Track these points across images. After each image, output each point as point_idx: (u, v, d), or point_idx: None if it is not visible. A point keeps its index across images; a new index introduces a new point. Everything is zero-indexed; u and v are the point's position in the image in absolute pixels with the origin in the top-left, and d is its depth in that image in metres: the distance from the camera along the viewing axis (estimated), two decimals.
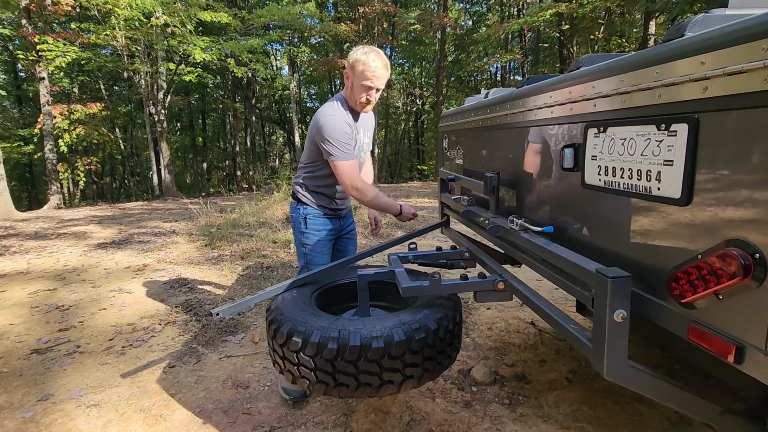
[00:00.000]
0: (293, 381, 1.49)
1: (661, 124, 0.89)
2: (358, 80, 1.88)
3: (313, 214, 2.17)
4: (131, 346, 2.77)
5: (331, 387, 1.40)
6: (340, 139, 1.90)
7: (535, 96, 1.44)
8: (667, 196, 0.89)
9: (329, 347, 1.36)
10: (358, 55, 1.87)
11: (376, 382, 1.38)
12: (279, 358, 1.50)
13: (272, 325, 1.53)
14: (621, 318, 0.95)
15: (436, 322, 1.47)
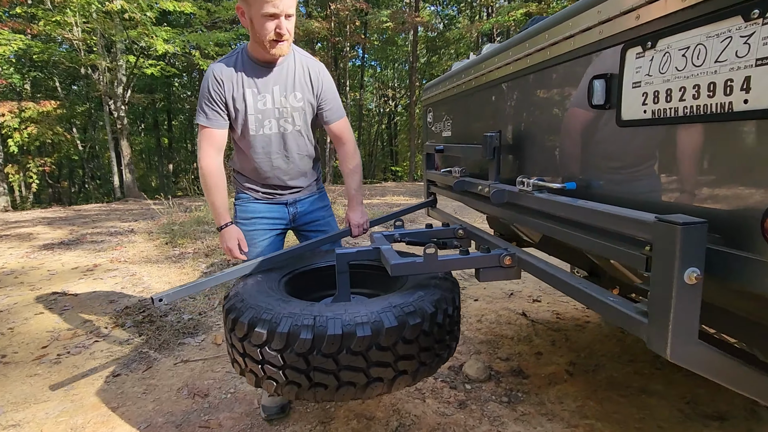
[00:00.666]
0: (257, 384, 1.18)
1: (753, 11, 0.66)
2: (257, 9, 1.39)
3: (243, 198, 1.79)
4: (69, 354, 2.36)
5: (305, 389, 1.11)
6: (201, 97, 1.56)
7: (548, 31, 1.20)
8: (761, 108, 0.66)
9: (302, 338, 1.07)
10: None
11: (362, 380, 1.10)
12: (239, 355, 1.20)
13: (230, 314, 1.22)
14: (695, 278, 0.71)
15: (434, 305, 1.21)
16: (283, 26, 1.42)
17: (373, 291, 1.70)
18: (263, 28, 1.41)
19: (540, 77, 1.28)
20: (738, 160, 0.72)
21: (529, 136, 1.36)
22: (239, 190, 1.81)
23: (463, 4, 23.22)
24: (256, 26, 1.43)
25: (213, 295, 3.19)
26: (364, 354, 1.08)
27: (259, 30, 1.43)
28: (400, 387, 1.18)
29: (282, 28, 1.42)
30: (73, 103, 17.84)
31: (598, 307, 0.93)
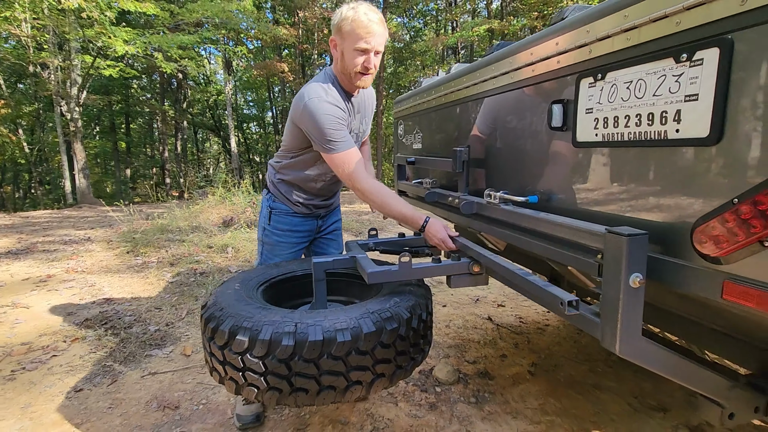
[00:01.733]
0: (237, 391, 1.20)
1: (682, 54, 0.78)
2: (350, 43, 1.47)
3: (280, 210, 1.82)
4: (24, 369, 2.25)
5: (286, 394, 1.14)
6: (331, 127, 1.49)
7: (512, 57, 1.31)
8: (690, 137, 0.78)
9: (284, 344, 1.11)
10: (345, 12, 1.46)
11: (342, 383, 1.15)
12: (218, 363, 1.21)
13: (209, 323, 1.23)
14: (638, 282, 0.82)
15: (409, 311, 1.27)
16: (371, 61, 1.50)
17: (349, 298, 1.75)
18: (353, 61, 1.49)
19: (505, 98, 1.40)
20: (672, 180, 0.84)
21: (495, 152, 1.47)
22: (280, 200, 1.81)
23: (429, 17, 23.83)
24: (346, 58, 1.50)
25: (181, 305, 3.12)
26: (344, 359, 1.13)
27: (349, 62, 1.50)
28: (378, 389, 1.24)
29: (370, 62, 1.50)
30: (19, 103, 16.73)
31: (559, 311, 1.03)
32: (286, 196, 1.80)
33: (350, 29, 1.45)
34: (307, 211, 1.85)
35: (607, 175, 0.99)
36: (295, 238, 1.86)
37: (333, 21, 1.52)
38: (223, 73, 17.14)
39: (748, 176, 0.70)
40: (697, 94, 0.76)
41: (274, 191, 1.83)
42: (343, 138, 1.51)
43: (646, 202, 0.90)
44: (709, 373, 0.92)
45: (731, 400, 0.95)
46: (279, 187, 1.81)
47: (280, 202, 1.82)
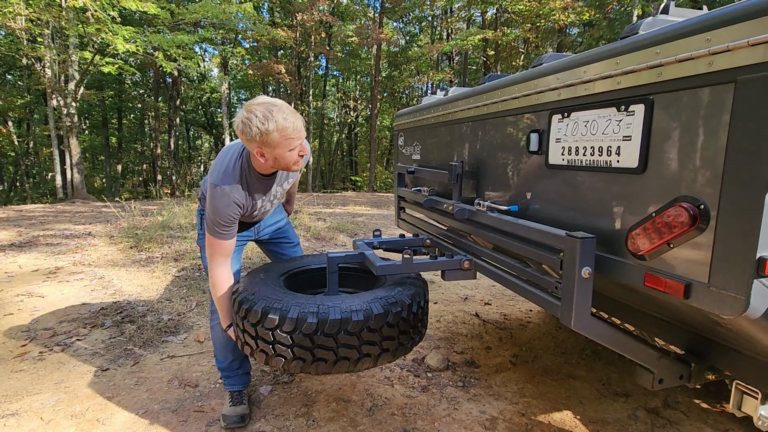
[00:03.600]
0: (266, 361, 1.45)
1: (621, 105, 1.06)
2: (283, 149, 1.48)
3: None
4: (51, 351, 2.45)
5: (309, 363, 1.39)
6: (222, 221, 1.58)
7: (501, 90, 1.59)
8: (625, 167, 1.06)
9: (309, 322, 1.36)
10: (266, 126, 1.42)
11: (354, 355, 1.40)
12: (250, 338, 1.46)
13: (243, 305, 1.48)
14: (587, 274, 1.09)
15: (410, 298, 1.54)
16: (304, 147, 1.57)
17: (354, 290, 2.01)
18: (291, 158, 1.53)
19: (494, 123, 1.67)
20: (614, 198, 1.12)
21: (484, 168, 1.74)
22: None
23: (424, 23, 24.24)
24: (283, 159, 1.52)
25: (190, 297, 3.34)
26: (358, 335, 1.39)
27: (287, 161, 1.53)
28: (383, 362, 1.49)
29: (304, 149, 1.57)
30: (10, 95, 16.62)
31: (528, 295, 1.31)
32: None
33: (280, 139, 1.45)
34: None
35: (570, 191, 1.27)
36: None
37: (250, 135, 1.44)
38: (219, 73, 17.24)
39: (662, 197, 0.98)
40: (631, 136, 1.04)
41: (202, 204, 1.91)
42: (226, 231, 1.61)
43: (596, 213, 1.18)
44: (642, 346, 1.20)
45: (660, 368, 1.23)
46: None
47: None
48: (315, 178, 21.82)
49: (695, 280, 0.91)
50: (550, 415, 2.07)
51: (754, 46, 0.76)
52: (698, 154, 0.89)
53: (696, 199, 0.89)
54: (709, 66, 0.84)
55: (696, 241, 0.90)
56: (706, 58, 0.85)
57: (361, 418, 1.96)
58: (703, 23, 0.85)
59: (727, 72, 0.81)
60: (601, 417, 2.08)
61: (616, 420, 2.06)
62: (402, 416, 1.99)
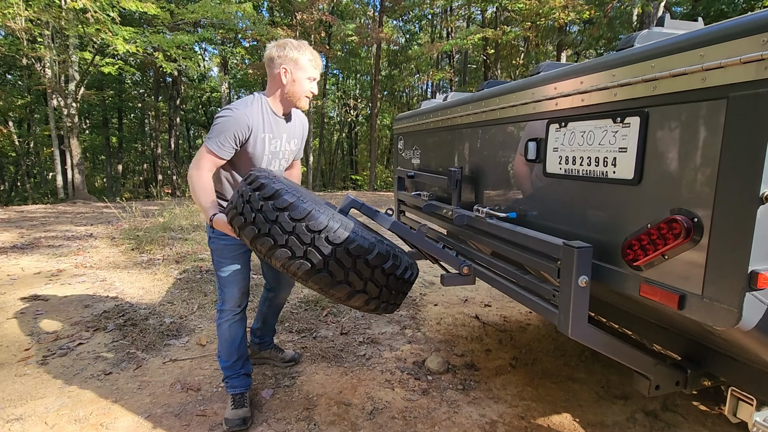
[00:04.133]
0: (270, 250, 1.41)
1: (617, 117, 1.07)
2: (305, 73, 1.80)
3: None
4: (54, 356, 2.47)
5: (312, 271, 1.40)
6: (221, 130, 1.73)
7: (498, 97, 1.60)
8: (621, 178, 1.07)
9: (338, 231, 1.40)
10: (302, 50, 1.80)
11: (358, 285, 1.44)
12: (265, 220, 1.41)
13: (274, 184, 1.46)
14: (584, 283, 1.11)
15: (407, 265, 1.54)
16: (315, 88, 1.86)
17: None
18: (305, 86, 1.83)
19: (493, 130, 1.69)
20: (610, 208, 1.13)
21: (483, 174, 1.76)
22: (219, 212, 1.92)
23: (424, 21, 24.21)
24: (300, 84, 1.81)
25: (191, 300, 3.35)
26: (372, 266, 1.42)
27: (300, 89, 1.82)
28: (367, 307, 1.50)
29: (315, 90, 1.86)
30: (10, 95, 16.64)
31: (527, 302, 1.32)
32: (222, 206, 1.92)
33: (308, 62, 1.81)
34: None
35: (568, 200, 1.28)
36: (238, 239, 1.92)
37: (285, 54, 1.78)
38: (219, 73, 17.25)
39: (657, 209, 0.99)
40: (626, 148, 1.05)
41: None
42: (222, 145, 1.75)
43: (593, 223, 1.19)
44: (638, 353, 1.22)
45: (657, 374, 1.24)
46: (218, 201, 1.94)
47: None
48: (315, 177, 21.83)
49: (689, 292, 0.92)
50: (549, 418, 2.09)
51: (746, 64, 0.77)
52: (692, 168, 0.91)
53: (690, 212, 0.91)
54: (702, 81, 0.86)
55: (690, 254, 0.91)
56: (700, 74, 0.86)
57: (362, 422, 1.98)
58: (697, 39, 0.87)
59: (719, 88, 0.83)
60: (599, 420, 2.10)
61: (614, 423, 2.08)
62: (402, 420, 2.01)
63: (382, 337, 2.89)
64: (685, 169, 0.92)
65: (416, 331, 3.01)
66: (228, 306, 1.98)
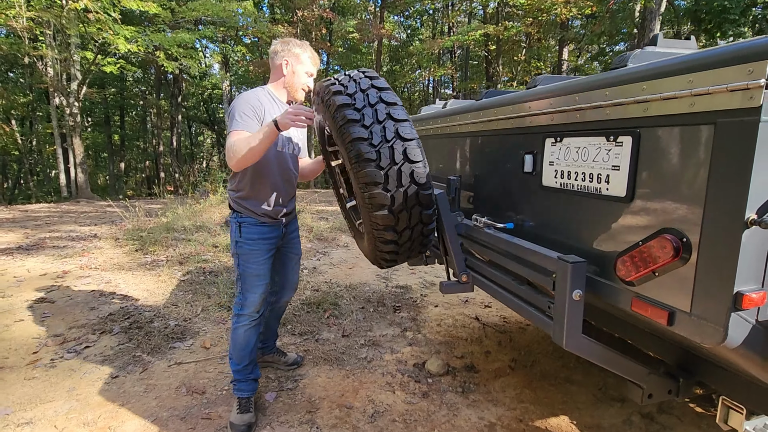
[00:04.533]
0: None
1: (610, 136, 1.10)
2: (303, 67, 1.97)
3: (249, 222, 1.99)
4: (62, 359, 2.52)
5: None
6: (243, 110, 1.80)
7: (496, 108, 1.62)
8: (614, 195, 1.10)
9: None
10: (303, 48, 1.97)
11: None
12: (389, 163, 1.39)
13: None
14: (578, 297, 1.14)
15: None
16: (311, 84, 2.02)
17: None
18: (302, 79, 1.99)
19: (491, 140, 1.71)
20: (604, 224, 1.16)
21: (482, 184, 1.78)
22: (246, 215, 1.98)
23: (426, 16, 24.09)
24: (296, 78, 1.98)
25: (195, 302, 3.40)
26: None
27: (297, 81, 1.98)
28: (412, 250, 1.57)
29: (311, 85, 2.02)
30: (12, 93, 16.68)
31: (523, 312, 1.35)
32: (252, 210, 1.98)
33: (307, 59, 1.98)
34: (273, 220, 2.04)
35: (563, 213, 1.31)
36: (266, 245, 2.03)
37: (288, 49, 1.95)
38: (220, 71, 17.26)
39: (648, 227, 1.02)
40: (619, 166, 1.08)
41: (240, 209, 2.00)
42: (247, 120, 1.79)
43: (587, 237, 1.22)
44: (632, 363, 1.25)
45: (649, 383, 1.28)
46: (243, 204, 1.98)
47: (247, 216, 1.99)
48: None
49: (678, 309, 0.95)
50: (546, 421, 2.13)
51: (733, 92, 0.80)
52: (682, 189, 0.93)
53: (680, 232, 0.93)
54: (691, 106, 0.88)
55: (679, 272, 0.94)
56: (689, 99, 0.88)
57: (364, 425, 2.02)
58: (687, 64, 0.89)
59: (708, 114, 0.85)
60: (596, 422, 2.13)
61: (611, 425, 2.12)
62: (403, 423, 2.05)
63: (383, 339, 2.93)
64: (676, 189, 0.95)
65: (417, 333, 3.05)
66: (247, 311, 2.01)
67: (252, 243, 1.99)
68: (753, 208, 0.79)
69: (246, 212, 1.99)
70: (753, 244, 0.81)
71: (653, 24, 9.71)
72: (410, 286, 4.05)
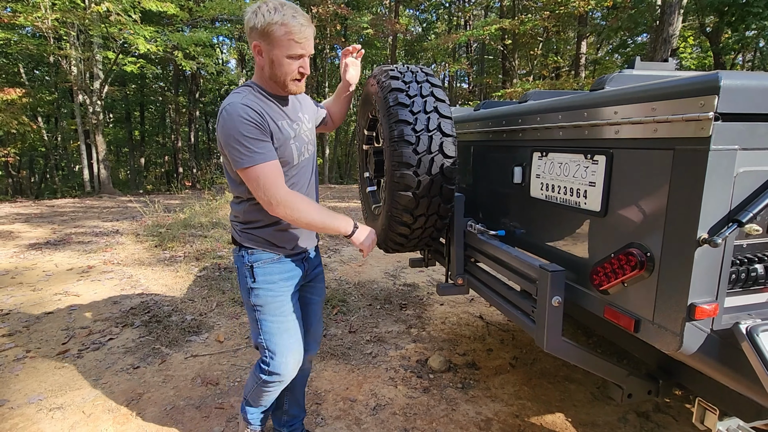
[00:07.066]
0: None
1: (587, 154, 1.17)
2: (282, 50, 1.31)
3: (263, 259, 1.49)
4: (88, 349, 2.71)
5: None
6: (245, 133, 1.29)
7: (490, 120, 1.70)
8: (590, 209, 1.18)
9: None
10: (271, 16, 1.27)
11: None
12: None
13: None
14: (557, 303, 1.22)
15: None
16: (306, 66, 1.38)
17: None
18: (288, 67, 1.34)
19: (485, 150, 1.79)
20: (582, 235, 1.24)
21: (476, 191, 1.87)
22: (261, 250, 1.50)
23: (441, 9, 23.91)
24: (279, 66, 1.34)
25: (210, 297, 3.57)
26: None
27: (284, 68, 1.34)
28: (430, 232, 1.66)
29: (306, 67, 1.38)
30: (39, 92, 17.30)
31: (511, 316, 1.44)
32: (270, 241, 1.50)
33: (281, 35, 1.28)
34: (297, 253, 1.57)
35: (548, 223, 1.39)
36: (291, 287, 1.55)
37: (253, 23, 1.30)
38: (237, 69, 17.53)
39: (619, 241, 1.09)
40: (595, 182, 1.15)
41: (252, 242, 1.50)
42: (258, 148, 1.30)
43: (568, 247, 1.30)
44: (611, 365, 1.33)
45: (630, 384, 1.36)
46: (257, 235, 1.49)
47: (261, 252, 1.50)
48: (332, 169, 22.05)
49: (643, 317, 1.03)
50: (542, 417, 2.21)
51: (688, 122, 0.87)
52: (647, 208, 1.01)
53: (644, 247, 1.01)
54: (654, 132, 0.95)
55: (644, 283, 1.02)
56: (652, 125, 0.96)
57: (366, 417, 2.14)
58: (650, 93, 0.96)
59: (668, 140, 0.92)
60: (592, 420, 2.21)
61: (606, 423, 2.19)
62: (403, 416, 2.16)
63: (389, 336, 3.04)
64: (642, 207, 1.02)
65: (421, 330, 3.15)
66: (277, 378, 1.56)
67: (272, 287, 1.50)
68: (705, 228, 0.87)
69: (261, 245, 1.49)
70: (705, 260, 0.88)
71: (672, 18, 9.48)
72: (417, 284, 4.15)
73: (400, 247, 1.75)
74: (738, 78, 0.83)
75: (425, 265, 2.24)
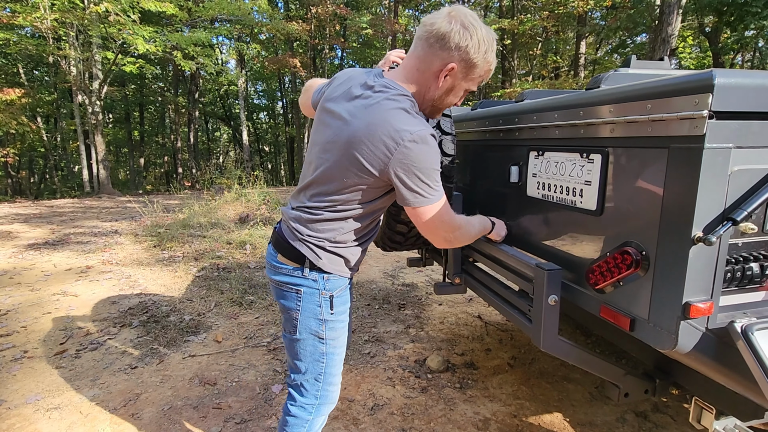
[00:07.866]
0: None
1: (583, 152, 1.17)
2: (469, 84, 1.21)
3: (340, 287, 1.31)
4: (86, 350, 2.71)
5: None
6: (437, 168, 1.14)
7: (487, 119, 1.70)
8: (586, 208, 1.17)
9: None
10: (489, 56, 1.16)
11: None
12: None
13: None
14: (554, 302, 1.22)
15: None
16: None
17: None
18: (454, 99, 1.26)
19: (482, 150, 1.79)
20: (578, 234, 1.24)
21: (474, 190, 1.86)
22: (337, 274, 1.29)
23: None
24: (451, 95, 1.24)
25: (209, 298, 3.57)
26: None
27: (450, 99, 1.25)
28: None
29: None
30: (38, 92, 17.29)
31: (508, 315, 1.44)
32: (351, 262, 1.32)
33: (482, 74, 1.20)
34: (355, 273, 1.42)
35: (544, 222, 1.39)
36: (349, 314, 1.42)
37: (466, 47, 1.12)
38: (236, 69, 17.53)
39: (614, 239, 1.09)
40: (591, 181, 1.15)
41: (331, 267, 1.28)
42: (440, 181, 1.17)
43: (564, 245, 1.30)
44: (607, 364, 1.33)
45: (627, 383, 1.35)
46: (344, 256, 1.29)
47: (337, 278, 1.30)
48: None
49: (639, 316, 1.03)
50: (540, 417, 2.21)
51: (682, 120, 0.87)
52: (642, 206, 1.01)
53: (640, 245, 1.01)
54: (649, 131, 0.95)
55: (640, 282, 1.02)
56: (647, 124, 0.95)
57: (363, 416, 2.14)
58: (646, 91, 0.96)
59: (663, 138, 0.92)
60: (590, 420, 2.21)
61: (604, 423, 2.18)
62: (401, 416, 2.16)
63: (387, 336, 3.04)
64: (637, 206, 1.02)
65: (420, 330, 3.15)
66: (327, 410, 1.42)
67: (344, 317, 1.36)
68: (699, 226, 0.87)
69: (339, 269, 1.29)
70: (700, 259, 0.88)
71: (671, 17, 9.49)
72: (416, 284, 4.15)
73: (398, 246, 1.75)
74: (732, 76, 0.83)
75: (423, 264, 2.24)
